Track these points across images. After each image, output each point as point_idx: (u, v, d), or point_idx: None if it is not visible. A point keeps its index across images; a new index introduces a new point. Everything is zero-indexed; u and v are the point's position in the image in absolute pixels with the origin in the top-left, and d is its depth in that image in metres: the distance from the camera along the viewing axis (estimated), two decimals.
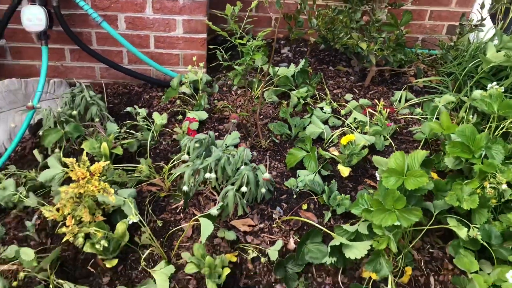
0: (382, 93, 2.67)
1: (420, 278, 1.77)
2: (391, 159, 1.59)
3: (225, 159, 1.71)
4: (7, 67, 2.47)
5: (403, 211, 1.49)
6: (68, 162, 1.68)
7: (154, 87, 2.56)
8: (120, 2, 2.33)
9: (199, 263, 1.58)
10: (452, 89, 2.60)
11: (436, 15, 3.09)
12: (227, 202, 1.68)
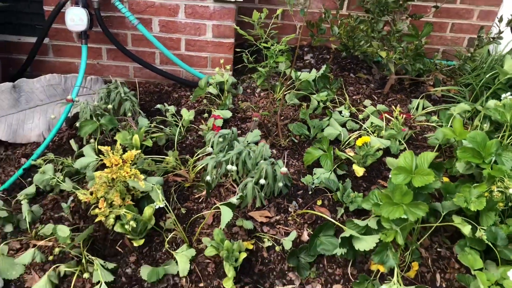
0: (400, 101, 2.77)
1: (427, 275, 1.85)
2: (401, 157, 1.69)
3: (246, 153, 1.84)
4: (48, 64, 2.66)
5: (410, 205, 1.59)
6: (103, 149, 1.84)
7: (183, 87, 2.72)
8: (155, 6, 2.50)
9: (218, 247, 1.71)
10: (469, 99, 2.68)
11: (458, 27, 3.17)
12: (246, 193, 1.81)
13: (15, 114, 2.41)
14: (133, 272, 1.77)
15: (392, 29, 2.63)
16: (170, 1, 2.49)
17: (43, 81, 2.47)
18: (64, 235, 1.74)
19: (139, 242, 1.77)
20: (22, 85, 2.42)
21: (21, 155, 2.37)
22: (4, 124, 2.37)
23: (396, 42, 2.61)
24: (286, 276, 1.82)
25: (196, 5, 2.50)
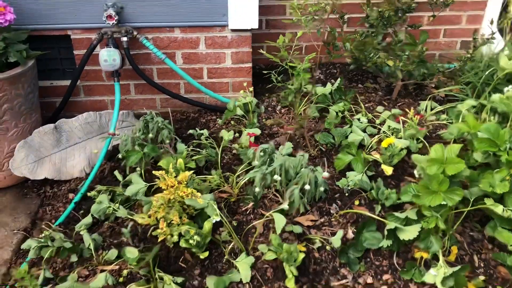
0: (409, 104, 2.99)
1: (465, 257, 2.03)
2: (432, 151, 1.89)
3: (288, 163, 2.02)
4: (79, 103, 2.83)
5: (447, 192, 1.78)
6: (158, 174, 2.00)
7: (208, 112, 2.90)
8: (177, 41, 2.70)
9: (276, 251, 1.88)
10: (472, 96, 2.91)
11: (450, 32, 3.43)
12: (293, 199, 1.98)
13: (57, 153, 2.57)
14: (200, 284, 1.92)
15: (394, 39, 2.86)
16: (191, 35, 2.69)
17: (80, 120, 2.63)
18: (133, 256, 1.88)
19: (204, 254, 1.92)
20: (62, 125, 2.58)
21: (67, 190, 2.52)
22: (48, 163, 2.52)
23: (400, 51, 2.84)
24: (339, 272, 1.98)
25: (215, 36, 2.71)
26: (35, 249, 2.09)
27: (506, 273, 1.99)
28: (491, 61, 2.95)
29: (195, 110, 2.95)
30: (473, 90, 2.96)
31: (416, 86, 3.14)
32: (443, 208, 1.83)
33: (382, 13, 2.61)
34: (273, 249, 1.88)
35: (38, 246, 2.09)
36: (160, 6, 2.58)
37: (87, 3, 2.53)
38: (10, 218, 2.37)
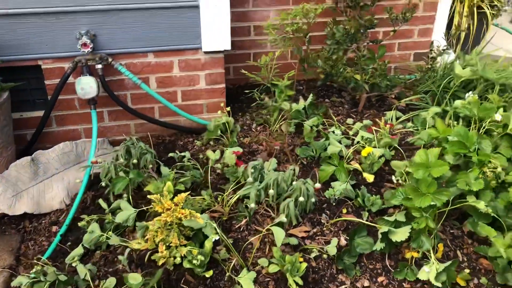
0: (374, 115, 3.15)
1: (450, 253, 2.17)
2: (417, 156, 2.02)
3: (281, 177, 2.08)
4: (51, 134, 2.77)
5: (435, 193, 1.91)
6: (153, 197, 2.00)
7: (184, 135, 2.92)
8: (151, 65, 2.72)
9: (278, 263, 1.92)
10: (432, 104, 3.11)
11: (403, 46, 3.66)
12: (289, 212, 2.05)
13: (35, 185, 2.49)
14: None
15: (357, 54, 3.02)
16: (165, 59, 2.72)
17: (57, 150, 2.57)
18: (137, 282, 1.87)
19: (209, 273, 1.93)
20: (39, 157, 2.51)
21: (49, 223, 2.44)
22: (26, 197, 2.44)
23: (364, 65, 3.00)
24: (337, 278, 2.05)
25: (188, 59, 2.75)
26: (27, 286, 2.01)
27: (488, 264, 2.14)
28: (446, 70, 3.18)
29: (170, 133, 2.96)
30: (432, 98, 3.17)
31: (379, 97, 3.32)
32: (431, 209, 1.95)
33: (348, 30, 2.76)
34: (276, 262, 1.93)
35: (30, 282, 2.02)
36: (133, 32, 2.60)
37: (59, 33, 2.50)
38: None
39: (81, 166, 2.63)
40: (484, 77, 2.86)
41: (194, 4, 2.59)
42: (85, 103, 2.69)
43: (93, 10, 2.50)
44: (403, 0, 3.42)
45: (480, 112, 2.53)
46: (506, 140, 2.41)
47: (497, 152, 2.36)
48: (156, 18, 2.58)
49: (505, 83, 2.83)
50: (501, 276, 2.06)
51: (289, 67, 3.13)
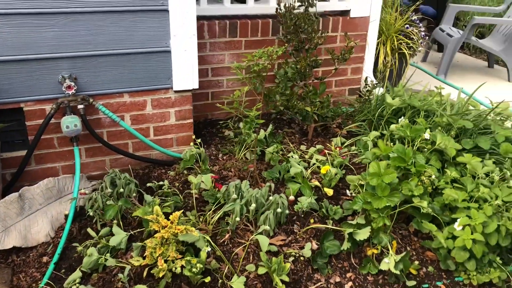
0: (322, 142, 3.60)
1: (401, 249, 2.59)
2: (370, 167, 2.45)
3: (260, 193, 2.42)
4: (30, 172, 2.91)
5: (389, 196, 2.33)
6: (150, 217, 2.25)
7: (157, 167, 3.17)
8: (126, 104, 2.99)
9: (265, 265, 2.22)
10: (369, 130, 3.62)
11: (339, 82, 4.20)
12: (269, 223, 2.37)
13: (21, 221, 2.62)
14: None
15: (305, 90, 3.49)
16: (139, 98, 3.00)
17: (42, 186, 2.73)
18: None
19: (207, 279, 2.19)
20: (25, 193, 2.65)
21: (38, 255, 2.57)
22: (14, 232, 2.56)
23: (311, 99, 3.46)
24: (313, 277, 2.39)
25: (160, 98, 3.05)
26: None
27: (433, 255, 2.58)
28: (378, 101, 3.73)
29: (143, 166, 3.19)
30: (369, 125, 3.69)
31: (323, 127, 3.78)
32: (386, 209, 2.37)
33: (298, 69, 3.21)
34: (263, 264, 2.23)
35: None
36: (111, 75, 2.86)
37: (42, 77, 2.71)
38: None
39: (64, 200, 2.80)
40: (411, 105, 3.42)
41: (166, 49, 2.92)
42: (64, 141, 2.88)
43: (75, 56, 2.74)
44: (338, 44, 3.97)
45: (412, 133, 3.04)
46: (435, 155, 2.93)
47: (429, 164, 2.86)
48: (132, 62, 2.88)
49: (428, 109, 3.40)
50: (444, 263, 2.51)
51: (248, 102, 3.52)
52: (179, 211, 2.28)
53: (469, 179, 2.71)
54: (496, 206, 2.54)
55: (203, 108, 3.76)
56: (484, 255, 2.43)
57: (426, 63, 6.11)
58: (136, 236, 2.55)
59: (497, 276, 2.40)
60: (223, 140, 3.49)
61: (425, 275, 2.49)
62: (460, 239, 2.35)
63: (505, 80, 5.52)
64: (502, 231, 2.41)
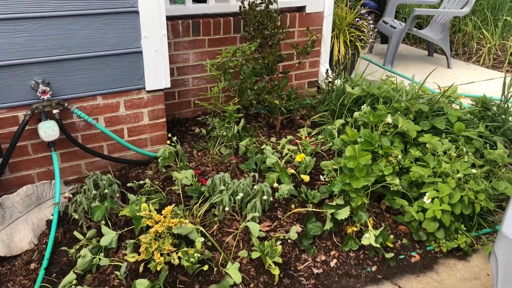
0: (290, 133, 3.75)
1: (377, 225, 2.79)
2: (347, 151, 2.62)
3: (245, 183, 2.53)
4: (5, 182, 2.86)
5: (365, 176, 2.52)
6: (143, 214, 2.30)
7: (133, 167, 3.20)
8: (99, 107, 3.00)
9: (258, 249, 2.34)
10: (332, 120, 3.82)
11: (299, 76, 4.38)
12: (257, 209, 2.49)
13: (3, 230, 2.58)
14: None
15: (271, 84, 3.63)
16: (112, 100, 3.02)
17: (21, 194, 2.69)
18: (144, 286, 2.14)
19: (206, 266, 2.27)
20: (5, 201, 2.62)
21: (24, 263, 2.54)
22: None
23: (278, 92, 3.61)
24: (301, 258, 2.53)
25: (133, 99, 3.08)
26: None
27: (405, 228, 2.80)
28: (339, 92, 3.93)
29: (118, 168, 3.21)
30: (331, 115, 3.89)
31: (288, 119, 3.94)
32: (363, 189, 2.56)
33: (266, 63, 3.35)
34: (256, 249, 2.35)
35: None
36: (83, 78, 2.86)
37: (14, 82, 2.67)
38: None
39: (43, 206, 2.78)
40: (371, 93, 3.65)
41: (138, 50, 2.96)
42: (39, 148, 2.86)
43: (46, 61, 2.72)
44: (296, 39, 4.15)
45: (375, 119, 3.25)
46: (398, 137, 3.16)
47: (393, 146, 3.09)
48: (104, 64, 2.89)
49: (386, 96, 3.64)
50: (416, 234, 2.73)
51: (225, 98, 3.61)
52: (171, 206, 2.34)
53: (431, 157, 2.96)
54: (458, 179, 2.80)
55: (171, 108, 3.81)
56: (451, 224, 2.67)
57: (372, 54, 6.44)
58: (124, 235, 2.58)
59: (463, 241, 2.65)
60: (194, 137, 3.56)
61: (400, 247, 2.70)
62: (430, 211, 2.58)
63: (445, 66, 5.94)
64: (465, 200, 2.66)
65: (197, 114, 3.94)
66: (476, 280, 2.54)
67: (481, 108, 3.80)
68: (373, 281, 2.49)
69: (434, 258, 2.67)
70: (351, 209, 2.58)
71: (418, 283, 2.50)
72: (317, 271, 2.49)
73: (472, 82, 5.40)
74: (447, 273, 2.58)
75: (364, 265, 2.58)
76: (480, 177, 2.87)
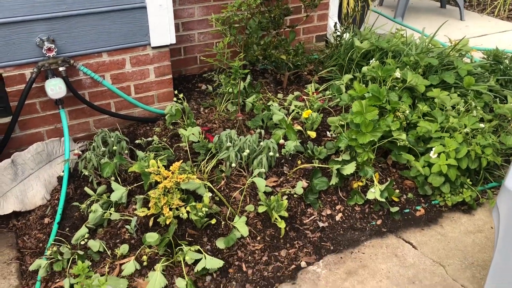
0: (297, 89, 3.73)
1: (383, 180, 2.81)
2: (354, 107, 2.61)
3: (251, 139, 2.54)
4: (16, 139, 2.90)
5: (372, 131, 2.52)
6: (152, 170, 2.34)
7: (141, 124, 3.22)
8: (105, 64, 2.99)
9: (264, 204, 2.38)
10: (340, 75, 3.78)
11: (307, 30, 4.30)
12: (263, 165, 2.52)
13: (16, 186, 2.65)
14: (212, 247, 2.33)
15: (278, 39, 3.57)
16: (118, 57, 3.00)
17: (32, 151, 2.74)
18: (154, 239, 2.21)
19: (214, 220, 2.33)
20: (17, 158, 2.67)
21: (38, 218, 2.62)
22: (11, 197, 2.60)
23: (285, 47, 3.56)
24: (307, 212, 2.58)
25: (139, 55, 3.07)
26: (45, 267, 2.24)
27: (411, 183, 2.82)
28: (347, 46, 3.87)
29: (126, 125, 3.23)
30: (339, 70, 3.84)
31: (295, 75, 3.91)
32: (369, 144, 2.56)
33: (272, 17, 3.29)
34: (262, 203, 2.39)
35: (49, 263, 2.24)
36: (88, 35, 2.84)
37: (19, 39, 2.66)
38: None
39: (54, 163, 2.84)
40: (380, 47, 3.59)
41: (141, 5, 2.91)
42: (47, 106, 2.88)
43: (50, 17, 2.70)
44: None
45: (383, 73, 3.21)
46: (406, 92, 3.13)
47: (401, 101, 3.06)
48: (108, 20, 2.86)
49: (396, 50, 3.58)
50: (422, 189, 2.76)
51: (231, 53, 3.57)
52: (179, 162, 2.38)
53: (439, 112, 2.94)
54: (465, 134, 2.79)
55: (177, 64, 3.79)
56: (457, 178, 2.68)
57: (382, 7, 6.27)
58: (134, 191, 2.63)
59: (468, 195, 2.67)
60: (201, 94, 3.56)
61: (405, 201, 2.73)
62: (436, 165, 2.59)
63: (458, 19, 5.78)
64: (472, 155, 2.66)
65: (203, 70, 3.91)
66: (479, 233, 2.57)
67: (493, 62, 3.73)
68: (377, 234, 2.54)
69: (439, 212, 2.70)
70: (357, 164, 2.60)
71: (422, 236, 2.54)
72: (323, 225, 2.54)
73: (485, 35, 5.27)
74: (451, 226, 2.62)
75: (369, 219, 2.62)
76: (488, 131, 2.86)
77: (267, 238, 2.42)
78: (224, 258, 2.29)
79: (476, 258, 2.40)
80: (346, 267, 2.33)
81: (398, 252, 2.43)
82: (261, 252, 2.36)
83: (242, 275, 2.26)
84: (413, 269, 2.33)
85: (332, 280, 2.26)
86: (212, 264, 2.15)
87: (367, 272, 2.31)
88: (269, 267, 2.31)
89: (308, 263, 2.35)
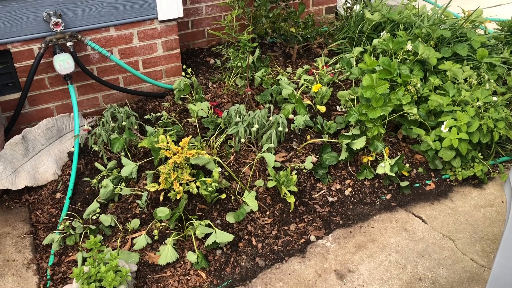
0: (306, 63, 3.68)
1: (393, 154, 2.79)
2: (364, 80, 2.58)
3: (260, 114, 2.53)
4: (25, 115, 2.91)
5: (382, 106, 2.49)
6: (161, 145, 2.34)
7: (149, 99, 3.22)
8: (113, 38, 2.97)
9: (273, 179, 2.39)
10: (350, 48, 3.72)
11: (316, 2, 4.21)
12: (272, 140, 2.51)
13: (28, 162, 2.67)
14: (222, 222, 2.34)
15: (287, 11, 3.51)
16: (125, 31, 2.98)
17: (42, 127, 2.75)
18: (165, 213, 2.22)
19: (224, 195, 2.34)
20: (27, 134, 2.68)
21: (50, 193, 2.65)
22: (23, 172, 2.62)
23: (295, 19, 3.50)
24: (316, 187, 2.58)
25: (146, 29, 3.03)
26: (58, 241, 2.27)
27: (421, 157, 2.80)
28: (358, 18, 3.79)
29: (135, 100, 3.23)
30: (349, 43, 3.78)
31: (305, 48, 3.85)
32: (380, 119, 2.54)
33: None
34: (272, 178, 2.39)
35: (62, 237, 2.28)
36: (95, 9, 2.81)
37: (26, 14, 2.65)
38: (9, 228, 2.45)
39: (64, 139, 2.85)
40: (391, 19, 3.51)
41: None
42: (55, 81, 2.88)
43: None
44: None
45: (394, 46, 3.15)
46: (417, 65, 3.08)
47: (413, 74, 3.01)
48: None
49: (407, 22, 3.50)
50: (432, 163, 2.74)
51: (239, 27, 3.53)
52: (188, 137, 2.37)
53: (451, 85, 2.89)
54: (477, 107, 2.75)
55: (185, 38, 3.75)
56: (468, 152, 2.66)
57: None
58: (144, 166, 2.65)
59: (479, 170, 2.65)
60: (209, 68, 3.53)
61: (416, 176, 2.72)
62: (447, 139, 2.56)
63: None
64: (484, 129, 2.63)
65: (211, 44, 3.87)
66: (490, 207, 2.56)
67: (507, 33, 3.64)
68: (387, 209, 2.54)
69: (449, 186, 2.69)
70: (367, 139, 2.58)
71: (432, 210, 2.54)
72: (332, 199, 2.54)
73: (500, 5, 5.14)
74: (461, 200, 2.61)
75: (379, 193, 2.62)
76: (501, 105, 2.82)
77: (276, 213, 2.43)
78: (234, 232, 2.31)
79: (486, 232, 2.40)
80: (355, 241, 2.35)
81: (408, 226, 2.43)
82: (270, 227, 2.38)
83: (252, 249, 2.28)
84: (422, 243, 2.34)
85: (341, 254, 2.28)
86: (222, 238, 2.17)
87: (376, 246, 2.32)
88: (279, 241, 2.33)
89: (317, 237, 2.36)
